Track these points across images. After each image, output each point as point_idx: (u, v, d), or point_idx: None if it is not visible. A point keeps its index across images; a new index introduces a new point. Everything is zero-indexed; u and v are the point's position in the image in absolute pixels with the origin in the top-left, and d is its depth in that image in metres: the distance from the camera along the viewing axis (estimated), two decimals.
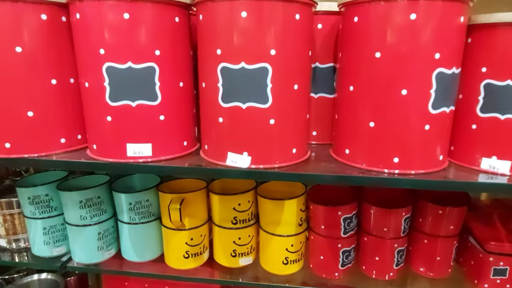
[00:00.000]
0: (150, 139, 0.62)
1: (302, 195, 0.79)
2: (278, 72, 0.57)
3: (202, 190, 0.84)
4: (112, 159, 0.63)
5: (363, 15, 0.56)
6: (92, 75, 0.59)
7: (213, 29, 0.57)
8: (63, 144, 0.68)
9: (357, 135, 0.61)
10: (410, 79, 0.55)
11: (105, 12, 0.56)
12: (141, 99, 0.60)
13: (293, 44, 0.58)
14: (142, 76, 0.59)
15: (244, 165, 0.60)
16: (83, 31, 0.59)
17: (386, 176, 0.58)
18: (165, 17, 0.59)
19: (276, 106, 0.58)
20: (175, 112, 0.64)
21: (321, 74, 0.73)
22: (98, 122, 0.62)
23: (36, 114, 0.64)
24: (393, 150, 0.59)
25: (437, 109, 0.57)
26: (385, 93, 0.57)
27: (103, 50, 0.57)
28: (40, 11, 0.61)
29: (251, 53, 0.56)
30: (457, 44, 0.57)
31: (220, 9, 0.55)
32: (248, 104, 0.58)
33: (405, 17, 0.53)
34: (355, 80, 0.60)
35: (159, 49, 0.59)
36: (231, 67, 0.57)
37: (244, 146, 0.60)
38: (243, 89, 0.57)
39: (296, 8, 0.56)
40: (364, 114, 0.59)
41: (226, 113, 0.59)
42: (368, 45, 0.56)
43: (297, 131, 0.63)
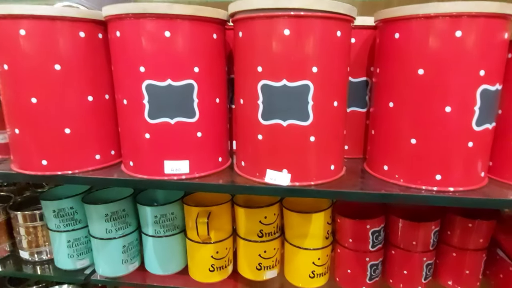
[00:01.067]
0: (187, 156, 0.62)
1: (329, 208, 0.78)
2: (319, 89, 0.57)
3: (227, 203, 0.83)
4: (149, 176, 0.63)
5: (405, 32, 0.56)
6: (131, 92, 0.59)
7: (253, 47, 0.57)
8: (97, 160, 0.68)
9: (397, 151, 0.61)
10: (454, 96, 0.55)
11: (146, 30, 0.56)
12: (180, 116, 0.60)
13: (334, 61, 0.57)
14: (181, 93, 0.59)
15: (284, 183, 0.59)
16: (123, 48, 0.58)
17: (430, 194, 0.57)
18: (204, 34, 0.59)
19: (316, 123, 0.58)
20: (212, 129, 0.64)
21: (354, 88, 0.73)
22: (136, 139, 0.62)
23: (73, 131, 0.63)
24: (435, 167, 0.58)
25: (480, 126, 0.57)
26: (428, 110, 0.56)
27: (143, 68, 0.57)
28: (79, 28, 0.61)
29: (293, 71, 0.55)
30: (501, 60, 0.56)
31: (261, 26, 0.55)
32: (289, 122, 0.57)
33: (449, 34, 0.53)
34: (396, 96, 0.59)
35: (197, 66, 0.59)
36: (273, 85, 0.56)
37: (283, 163, 0.60)
38: (284, 107, 0.57)
39: (338, 25, 0.56)
40: (405, 130, 0.59)
41: (266, 131, 0.59)
42: (410, 62, 0.56)
43: (336, 147, 0.63)
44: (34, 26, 0.58)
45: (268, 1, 0.53)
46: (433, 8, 0.52)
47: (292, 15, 0.53)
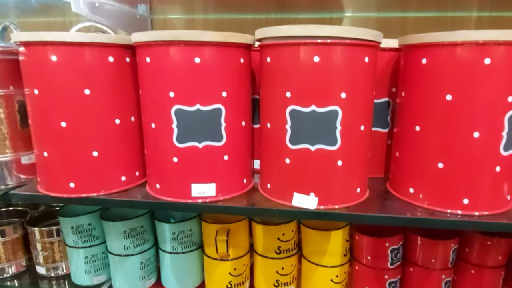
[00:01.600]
0: (214, 179, 0.62)
1: (347, 226, 0.79)
2: (347, 114, 0.57)
3: (245, 220, 0.84)
4: (176, 199, 0.63)
5: (433, 58, 0.57)
6: (160, 117, 0.60)
7: (282, 72, 0.57)
8: (123, 182, 0.69)
9: (423, 175, 0.61)
10: (482, 122, 0.55)
11: (176, 56, 0.57)
12: (208, 140, 0.60)
13: (362, 86, 0.58)
14: (210, 118, 0.59)
15: (312, 206, 0.60)
16: (152, 74, 0.59)
17: (456, 219, 0.58)
18: (232, 59, 0.60)
19: (344, 147, 0.58)
20: (238, 151, 0.64)
21: (376, 109, 0.73)
22: (164, 163, 0.62)
23: (100, 153, 0.64)
24: (463, 191, 0.58)
25: (508, 151, 0.57)
26: (455, 135, 0.56)
27: (172, 93, 0.58)
28: (108, 53, 0.61)
29: (322, 97, 0.56)
30: None
31: (291, 53, 0.56)
32: (317, 146, 0.58)
33: (478, 61, 0.53)
34: (422, 120, 0.59)
35: (225, 91, 0.60)
36: (301, 110, 0.57)
37: (311, 187, 0.60)
38: (313, 132, 0.57)
39: (365, 51, 0.57)
40: (432, 155, 0.59)
41: (294, 155, 0.59)
42: (438, 87, 0.56)
43: (361, 170, 0.63)
44: (65, 52, 0.58)
45: (298, 29, 0.54)
46: (462, 36, 0.53)
47: (322, 42, 0.54)
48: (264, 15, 1.09)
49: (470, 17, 1.02)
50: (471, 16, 1.02)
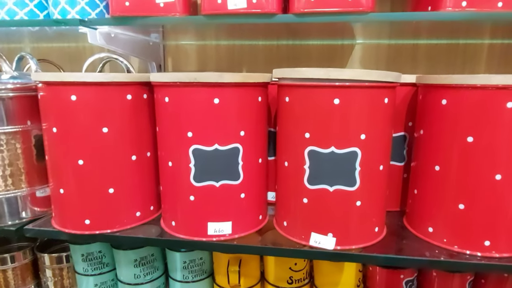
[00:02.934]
0: (231, 217, 0.62)
1: None
2: (366, 155, 0.57)
3: None
4: (192, 237, 0.62)
5: (453, 99, 0.56)
6: (178, 156, 0.60)
7: (301, 113, 0.57)
8: (138, 217, 0.68)
9: (443, 215, 0.60)
10: (504, 164, 0.54)
11: (195, 97, 0.57)
12: (225, 179, 0.60)
13: (381, 126, 0.58)
14: (227, 157, 0.59)
15: (329, 247, 0.59)
16: (170, 114, 0.59)
17: (477, 261, 0.57)
18: (250, 98, 0.60)
19: (363, 188, 0.58)
20: (254, 189, 0.64)
21: (392, 143, 0.73)
22: (180, 201, 0.62)
23: (116, 190, 0.64)
24: (484, 233, 0.57)
25: None
26: (477, 177, 0.56)
27: (191, 133, 0.58)
28: (126, 91, 0.62)
29: (341, 138, 0.56)
30: None
31: (311, 94, 0.56)
32: (336, 187, 0.57)
33: (501, 105, 0.53)
34: (442, 160, 0.59)
35: (243, 130, 0.60)
36: (320, 151, 0.56)
37: (329, 227, 0.59)
38: (332, 172, 0.57)
39: (385, 93, 0.56)
40: (452, 195, 0.58)
41: (312, 195, 0.59)
42: (459, 129, 0.56)
43: (380, 209, 0.62)
44: (85, 92, 0.59)
45: (319, 72, 0.54)
46: (483, 80, 0.53)
47: (342, 85, 0.54)
48: (276, 42, 1.09)
49: (482, 44, 1.02)
50: (483, 43, 1.02)
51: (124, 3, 0.75)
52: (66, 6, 0.83)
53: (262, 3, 0.71)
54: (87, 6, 0.84)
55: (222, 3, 0.72)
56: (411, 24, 0.90)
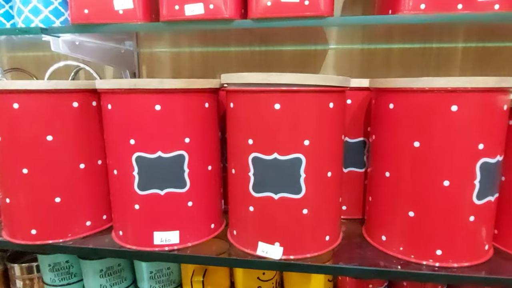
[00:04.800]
0: (178, 226, 0.61)
1: None
2: (311, 161, 0.55)
3: None
4: (138, 247, 0.61)
5: (400, 103, 0.55)
6: (121, 164, 0.59)
7: (244, 119, 0.56)
8: (88, 227, 0.67)
9: (395, 223, 0.58)
10: (452, 170, 0.52)
11: (136, 104, 0.56)
12: (170, 187, 0.59)
13: (327, 132, 0.56)
14: (172, 165, 0.58)
15: (276, 257, 0.57)
16: (113, 121, 0.58)
17: (430, 271, 0.54)
18: (195, 105, 0.59)
19: (309, 195, 0.56)
20: (203, 196, 0.62)
21: (351, 149, 0.71)
22: (126, 210, 0.60)
23: (63, 199, 0.63)
24: (435, 242, 0.55)
25: (482, 200, 0.54)
26: (425, 184, 0.54)
27: (133, 140, 0.57)
28: (72, 99, 0.61)
29: (284, 145, 0.54)
30: (501, 131, 0.54)
31: (251, 100, 0.55)
32: (281, 195, 0.56)
33: (445, 109, 0.51)
34: (392, 167, 0.57)
35: (188, 137, 0.58)
36: (263, 158, 0.55)
37: (275, 236, 0.57)
38: (276, 180, 0.55)
39: (329, 97, 0.55)
40: (402, 202, 0.56)
41: (258, 203, 0.57)
42: (406, 134, 0.54)
43: (331, 218, 0.60)
44: (28, 100, 0.58)
45: (259, 76, 0.53)
46: (427, 83, 0.51)
47: (282, 90, 0.53)
48: (249, 48, 1.09)
49: (456, 48, 1.00)
50: (457, 47, 1.00)
51: (83, 10, 0.75)
52: (30, 15, 0.83)
53: (220, 9, 0.70)
54: (51, 15, 0.84)
55: (180, 10, 0.72)
56: (381, 28, 0.89)
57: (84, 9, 0.75)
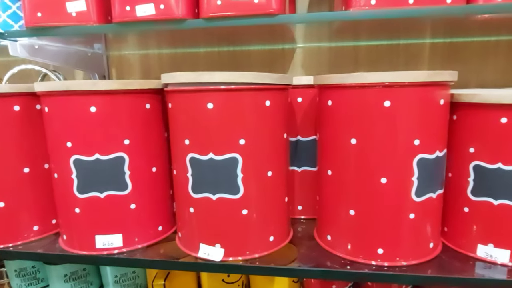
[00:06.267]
0: (121, 229, 0.60)
1: None
2: (249, 161, 0.54)
3: None
4: (81, 251, 0.60)
5: (336, 100, 0.54)
6: (60, 167, 0.58)
7: (180, 119, 0.55)
8: (36, 231, 0.66)
9: (337, 222, 0.57)
10: (388, 167, 0.51)
11: (71, 106, 0.55)
12: (110, 190, 0.58)
13: (264, 131, 0.55)
14: (111, 167, 0.57)
15: (217, 258, 0.56)
16: (51, 124, 0.58)
17: (372, 271, 0.53)
18: (133, 106, 0.58)
19: (248, 196, 0.55)
20: (148, 199, 0.62)
21: (304, 148, 0.70)
22: (67, 214, 0.60)
23: (7, 204, 0.62)
24: (376, 240, 0.54)
25: (421, 197, 0.53)
26: (363, 181, 0.53)
27: (70, 143, 0.56)
28: (13, 103, 0.61)
29: (219, 144, 0.53)
30: (439, 127, 0.53)
31: (186, 100, 0.54)
32: (219, 195, 0.55)
33: (379, 104, 0.50)
34: (332, 165, 0.56)
35: (128, 139, 0.58)
36: (200, 158, 0.54)
37: (216, 238, 0.57)
38: (213, 180, 0.54)
39: (265, 95, 0.54)
40: (343, 201, 0.55)
41: (197, 204, 0.56)
42: (343, 131, 0.53)
43: (274, 218, 0.59)
44: None
45: (190, 76, 0.52)
46: (359, 78, 0.50)
47: (214, 89, 0.52)
48: (217, 48, 1.08)
49: (424, 44, 0.99)
50: (424, 43, 0.99)
51: (37, 14, 0.75)
52: None
53: (171, 9, 0.69)
54: (9, 19, 0.84)
55: (131, 11, 0.71)
56: (347, 26, 0.88)
57: (37, 12, 0.75)
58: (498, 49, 0.96)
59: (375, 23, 0.76)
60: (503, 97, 0.50)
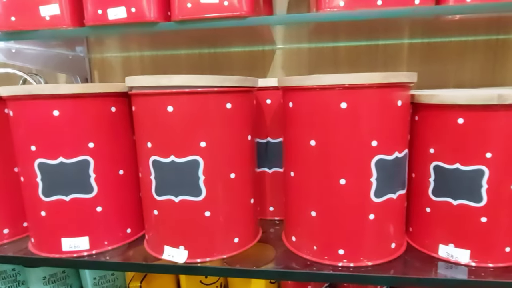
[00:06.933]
0: (87, 232, 0.60)
1: None
2: (210, 163, 0.55)
3: None
4: (48, 254, 0.61)
5: (296, 102, 0.54)
6: (26, 170, 0.58)
7: (143, 122, 0.56)
8: (6, 234, 0.67)
9: (301, 223, 0.57)
10: (347, 168, 0.52)
11: (34, 110, 0.56)
12: (75, 193, 0.59)
13: (226, 133, 0.55)
14: (75, 170, 0.58)
15: (180, 260, 0.56)
16: (16, 128, 0.58)
17: (333, 272, 0.53)
18: (99, 110, 0.59)
19: (210, 198, 0.55)
20: (115, 201, 0.62)
21: (274, 149, 0.70)
22: (34, 217, 0.60)
23: None
24: (337, 242, 0.54)
25: (380, 197, 0.53)
26: (323, 183, 0.53)
27: (34, 147, 0.57)
28: None
29: (180, 147, 0.54)
30: (397, 128, 0.53)
31: (146, 103, 0.54)
32: (181, 198, 0.55)
33: (335, 106, 0.50)
34: (295, 166, 0.57)
35: (93, 142, 0.58)
36: (161, 161, 0.55)
37: (180, 240, 0.57)
38: (175, 183, 0.55)
39: (226, 97, 0.55)
40: (305, 202, 0.56)
41: (160, 206, 0.57)
42: (303, 132, 0.54)
43: (239, 219, 0.60)
44: None
45: (150, 79, 0.53)
46: (317, 80, 0.51)
47: (174, 92, 0.52)
48: (198, 51, 1.09)
49: (402, 44, 1.00)
50: (403, 43, 1.00)
51: (10, 18, 0.75)
52: None
53: (143, 12, 0.70)
54: None
55: (103, 14, 0.72)
56: (326, 27, 0.88)
57: (11, 17, 0.75)
58: (475, 49, 0.96)
59: (351, 24, 0.76)
60: (459, 98, 0.50)
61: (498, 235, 0.52)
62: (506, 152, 0.50)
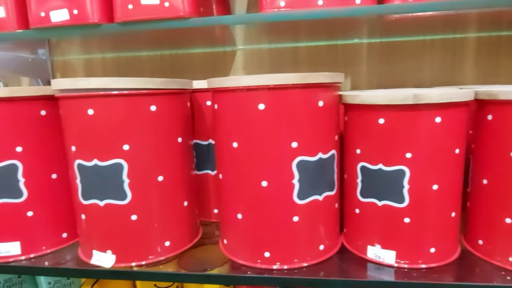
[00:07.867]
0: (18, 237, 0.60)
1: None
2: (135, 166, 0.54)
3: None
4: None
5: (220, 103, 0.54)
6: None
7: (67, 125, 0.55)
8: None
9: (230, 226, 0.57)
10: (268, 170, 0.51)
11: None
12: (4, 198, 0.58)
13: (151, 136, 0.55)
14: (2, 175, 0.57)
15: (107, 265, 0.56)
16: None
17: (256, 274, 0.53)
18: (27, 113, 0.58)
19: (136, 201, 0.55)
20: (48, 206, 0.61)
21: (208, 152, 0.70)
22: None
23: None
24: (263, 244, 0.54)
25: (304, 199, 0.53)
26: (246, 185, 0.53)
27: None
28: None
29: (102, 150, 0.53)
30: (320, 129, 0.53)
31: (69, 106, 0.54)
32: (106, 201, 0.55)
33: (253, 107, 0.50)
34: (222, 168, 0.56)
35: (21, 146, 0.58)
36: (85, 164, 0.54)
37: (107, 244, 0.56)
38: (99, 186, 0.54)
39: (151, 100, 0.54)
40: (232, 205, 0.55)
41: (87, 211, 0.56)
42: (226, 134, 0.53)
43: (170, 223, 0.59)
44: None
45: (69, 82, 0.52)
46: (235, 81, 0.50)
47: (93, 95, 0.52)
48: (159, 52, 1.08)
49: (361, 44, 0.99)
50: (362, 43, 0.99)
51: None
52: None
53: (86, 14, 0.69)
54: None
55: (46, 16, 0.71)
56: (285, 27, 0.87)
57: None
58: (433, 48, 0.96)
59: (307, 23, 0.76)
60: (377, 98, 0.49)
61: (422, 235, 0.52)
62: (425, 152, 0.49)
